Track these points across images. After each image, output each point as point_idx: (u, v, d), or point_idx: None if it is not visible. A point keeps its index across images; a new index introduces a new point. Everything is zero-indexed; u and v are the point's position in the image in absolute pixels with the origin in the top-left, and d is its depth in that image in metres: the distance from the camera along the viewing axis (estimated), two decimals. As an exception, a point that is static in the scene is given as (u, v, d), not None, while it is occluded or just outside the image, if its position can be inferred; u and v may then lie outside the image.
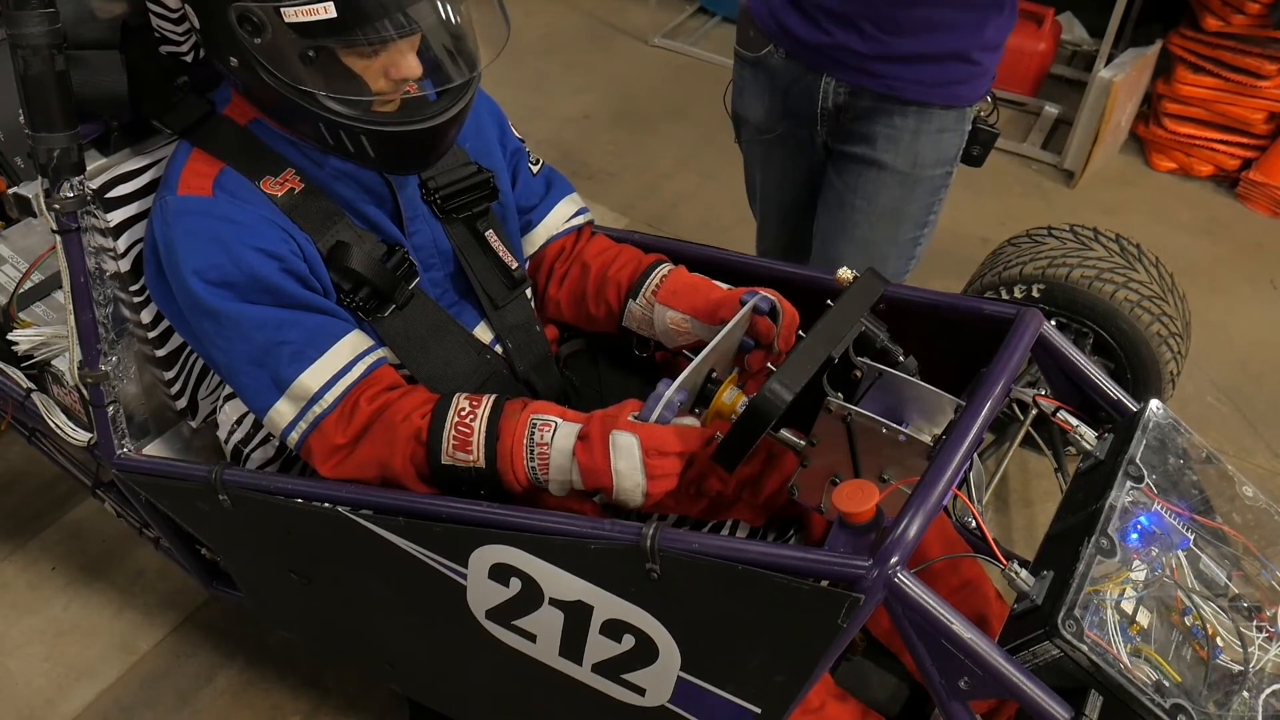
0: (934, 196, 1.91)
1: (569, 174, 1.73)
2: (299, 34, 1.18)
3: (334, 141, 1.27)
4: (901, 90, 1.77)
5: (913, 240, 1.95)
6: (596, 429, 1.24)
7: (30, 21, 1.21)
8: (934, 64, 1.75)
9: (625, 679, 1.28)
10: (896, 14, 1.70)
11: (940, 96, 1.78)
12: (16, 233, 1.89)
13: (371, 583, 1.45)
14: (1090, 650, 1.07)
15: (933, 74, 1.76)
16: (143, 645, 2.08)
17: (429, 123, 1.28)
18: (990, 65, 1.81)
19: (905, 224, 1.92)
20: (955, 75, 1.77)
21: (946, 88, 1.78)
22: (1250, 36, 3.30)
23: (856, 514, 1.09)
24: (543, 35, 4.35)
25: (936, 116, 1.81)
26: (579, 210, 1.66)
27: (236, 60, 1.24)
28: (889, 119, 1.81)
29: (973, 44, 1.74)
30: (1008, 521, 2.37)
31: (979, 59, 1.77)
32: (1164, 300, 2.06)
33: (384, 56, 1.23)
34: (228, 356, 1.31)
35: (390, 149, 1.29)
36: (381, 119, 1.26)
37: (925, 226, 1.95)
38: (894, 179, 1.86)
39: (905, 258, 1.98)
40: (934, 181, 1.89)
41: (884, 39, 1.72)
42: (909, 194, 1.88)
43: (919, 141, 1.82)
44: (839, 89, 1.82)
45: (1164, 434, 1.32)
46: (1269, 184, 3.42)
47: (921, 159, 1.84)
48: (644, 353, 1.61)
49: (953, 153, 1.87)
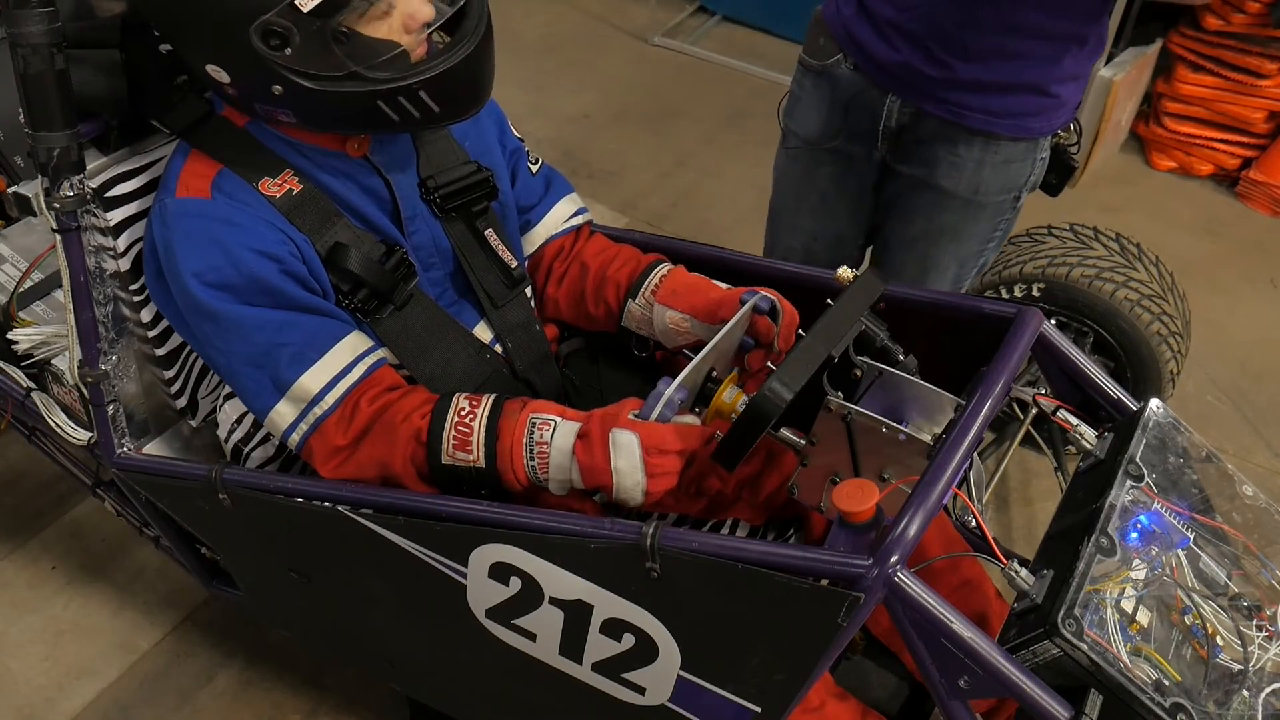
0: (1000, 217, 1.83)
1: (569, 173, 1.73)
2: (320, 17, 1.16)
3: (399, 115, 1.25)
4: (966, 119, 1.69)
5: (977, 254, 1.89)
6: (596, 427, 1.24)
7: (30, 20, 1.21)
8: (1004, 94, 1.66)
9: (625, 678, 1.28)
10: (966, 38, 1.62)
11: (1008, 128, 1.70)
12: (16, 232, 1.89)
13: (372, 582, 1.45)
14: (1090, 649, 1.07)
15: (1002, 104, 1.67)
16: (143, 644, 2.08)
17: (468, 48, 1.25)
18: (1070, 97, 1.71)
19: (968, 242, 1.85)
20: (1027, 107, 1.68)
21: (1017, 119, 1.69)
22: (1251, 35, 3.30)
23: (856, 513, 1.09)
24: (543, 34, 4.35)
25: (1004, 148, 1.72)
26: (578, 210, 1.66)
27: (280, 88, 1.21)
28: (952, 145, 1.73)
29: (1048, 76, 1.64)
30: (1008, 520, 2.37)
31: (1055, 91, 1.67)
32: (1164, 299, 2.07)
33: (397, 12, 1.22)
34: (227, 358, 1.31)
35: (445, 92, 1.26)
36: (425, 67, 1.24)
37: (991, 242, 1.89)
38: (955, 204, 1.79)
39: (969, 268, 1.92)
40: (1000, 207, 1.81)
41: (951, 63, 1.65)
42: (972, 217, 1.81)
43: (983, 171, 1.74)
44: (904, 109, 1.75)
45: (1164, 433, 1.32)
46: (1269, 183, 3.42)
47: (985, 188, 1.76)
48: (643, 352, 1.61)
49: (1021, 181, 1.78)
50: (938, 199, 1.80)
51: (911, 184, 1.83)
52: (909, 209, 1.86)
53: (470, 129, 1.50)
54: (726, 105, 3.91)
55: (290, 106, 1.25)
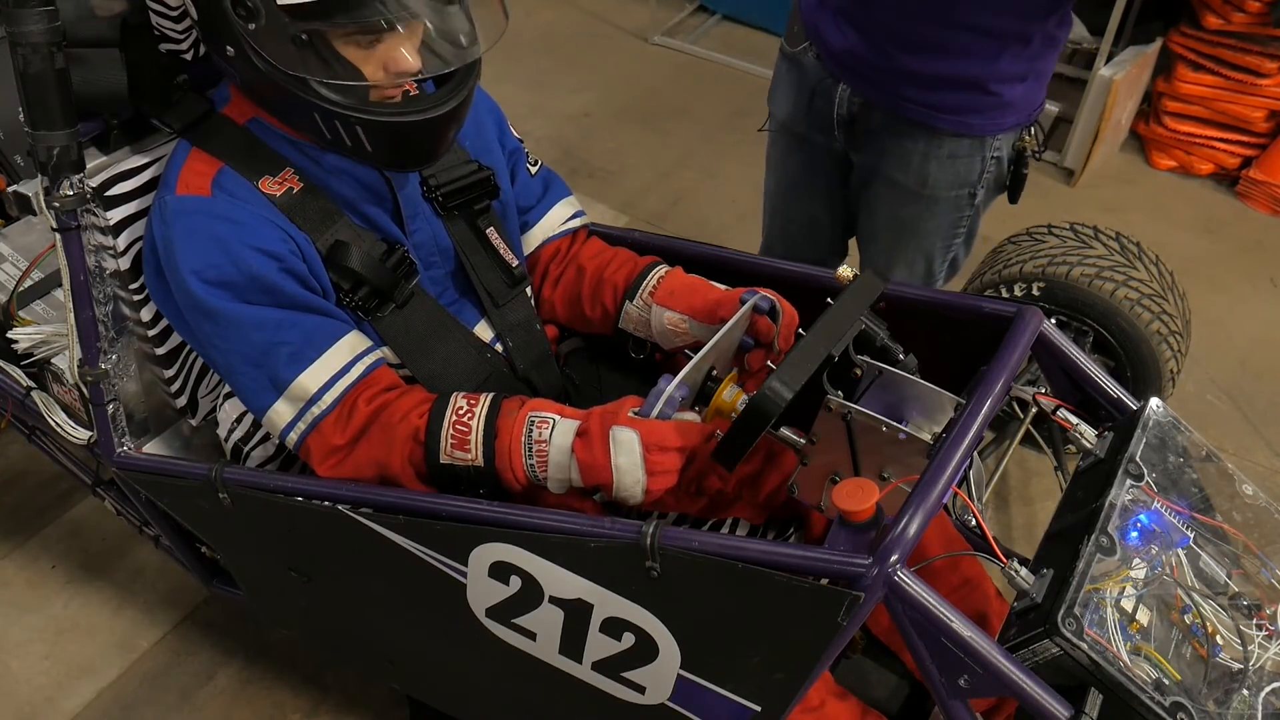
0: (958, 214, 1.83)
1: (569, 172, 1.73)
2: (291, 17, 1.18)
3: (331, 135, 1.27)
4: (907, 110, 1.71)
5: (943, 249, 1.89)
6: (596, 425, 1.23)
7: (30, 19, 1.21)
8: (945, 89, 1.66)
9: (625, 677, 1.28)
10: (906, 29, 1.63)
11: (949, 124, 1.70)
12: (16, 231, 1.89)
13: (372, 581, 1.45)
14: (1090, 648, 1.07)
15: (941, 99, 1.67)
16: (143, 643, 2.08)
17: (427, 114, 1.27)
18: (1014, 98, 1.68)
19: (930, 238, 1.86)
20: (967, 104, 1.67)
21: (958, 116, 1.69)
22: (1251, 34, 3.30)
23: (856, 512, 1.09)
24: (543, 33, 4.35)
25: (948, 143, 1.73)
26: (576, 213, 1.66)
27: (233, 49, 1.23)
28: (898, 137, 1.75)
29: (987, 74, 1.63)
30: (1008, 519, 2.37)
31: (996, 90, 1.66)
32: (1164, 298, 2.06)
33: (381, 48, 1.22)
34: (226, 357, 1.31)
35: (388, 142, 1.28)
36: (379, 109, 1.26)
37: (956, 239, 1.89)
38: (908, 196, 1.81)
39: (940, 262, 1.92)
40: (956, 203, 1.81)
41: (893, 53, 1.66)
42: (927, 211, 1.82)
43: (929, 164, 1.75)
44: (853, 98, 1.77)
45: (1164, 432, 1.32)
46: (1269, 182, 3.42)
47: (934, 182, 1.77)
48: (640, 354, 1.61)
49: (972, 178, 1.77)
50: (893, 191, 1.83)
51: (868, 175, 1.87)
52: (872, 201, 1.89)
53: (470, 128, 1.50)
54: (726, 104, 3.91)
55: (239, 74, 1.27)
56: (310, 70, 1.22)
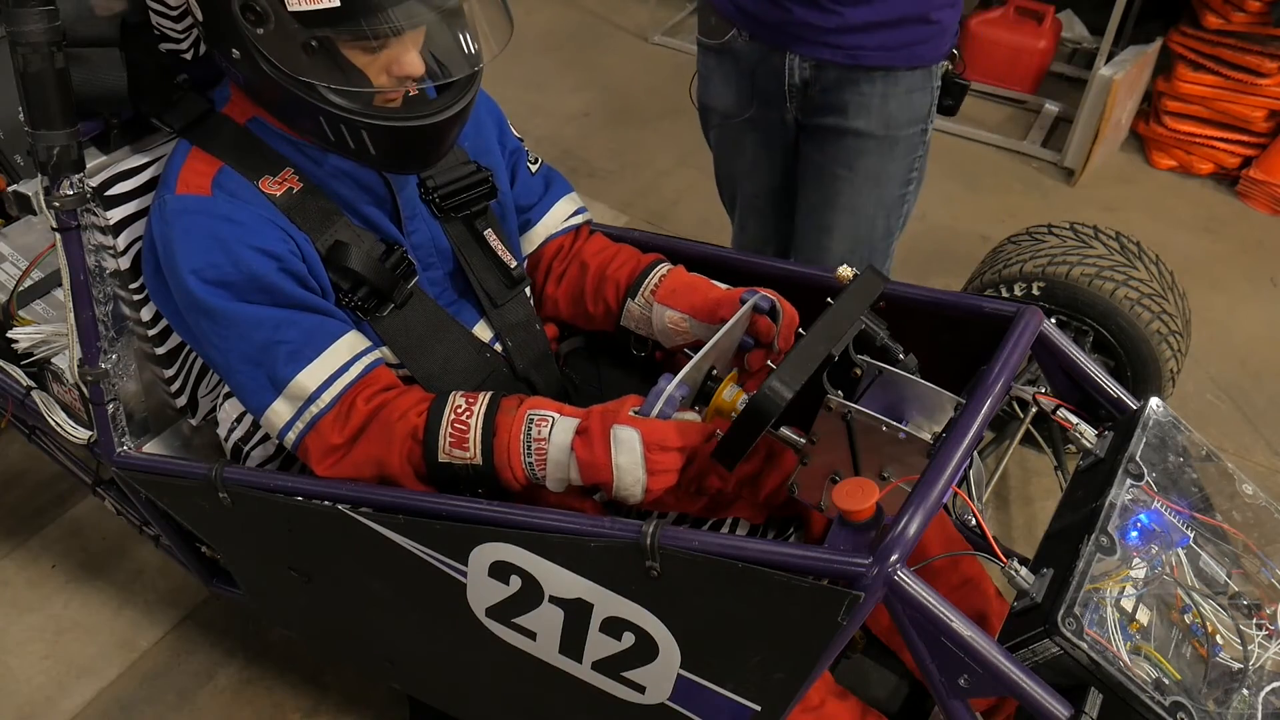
0: (913, 154, 1.94)
1: (568, 171, 1.73)
2: (302, 24, 1.18)
3: (335, 138, 1.27)
4: (865, 58, 1.81)
5: (900, 198, 1.98)
6: (596, 424, 1.23)
7: (30, 19, 1.21)
8: (894, 29, 1.78)
9: (625, 677, 1.28)
10: None
11: (904, 59, 1.82)
12: (16, 230, 1.89)
13: (372, 581, 1.45)
14: (1090, 648, 1.07)
15: (894, 38, 1.79)
16: (143, 643, 2.08)
17: (431, 119, 1.28)
18: (949, 22, 1.84)
19: (889, 184, 1.95)
20: (916, 37, 1.80)
21: (909, 49, 1.81)
22: (1251, 34, 3.30)
23: (856, 512, 1.09)
24: (542, 33, 4.35)
25: (903, 78, 1.84)
26: (578, 210, 1.66)
27: (238, 52, 1.23)
28: (856, 87, 1.84)
29: (928, 5, 1.78)
30: (1008, 519, 2.37)
31: (937, 18, 1.80)
32: (1164, 298, 2.06)
33: (386, 53, 1.22)
34: (225, 356, 1.31)
35: (391, 146, 1.29)
36: (382, 114, 1.26)
37: (910, 184, 1.98)
38: (871, 143, 1.89)
39: (894, 216, 2.00)
40: (910, 140, 1.91)
41: (842, 10, 1.76)
42: (888, 155, 1.91)
43: (889, 104, 1.85)
44: (804, 64, 1.86)
45: (1164, 432, 1.32)
46: (1269, 182, 3.42)
47: (894, 121, 1.87)
48: (641, 352, 1.61)
49: (924, 111, 1.90)
50: (853, 143, 1.90)
51: (825, 136, 1.93)
52: (828, 162, 1.95)
53: (470, 129, 1.50)
54: (726, 104, 3.91)
55: (243, 75, 1.27)
56: (317, 75, 1.22)
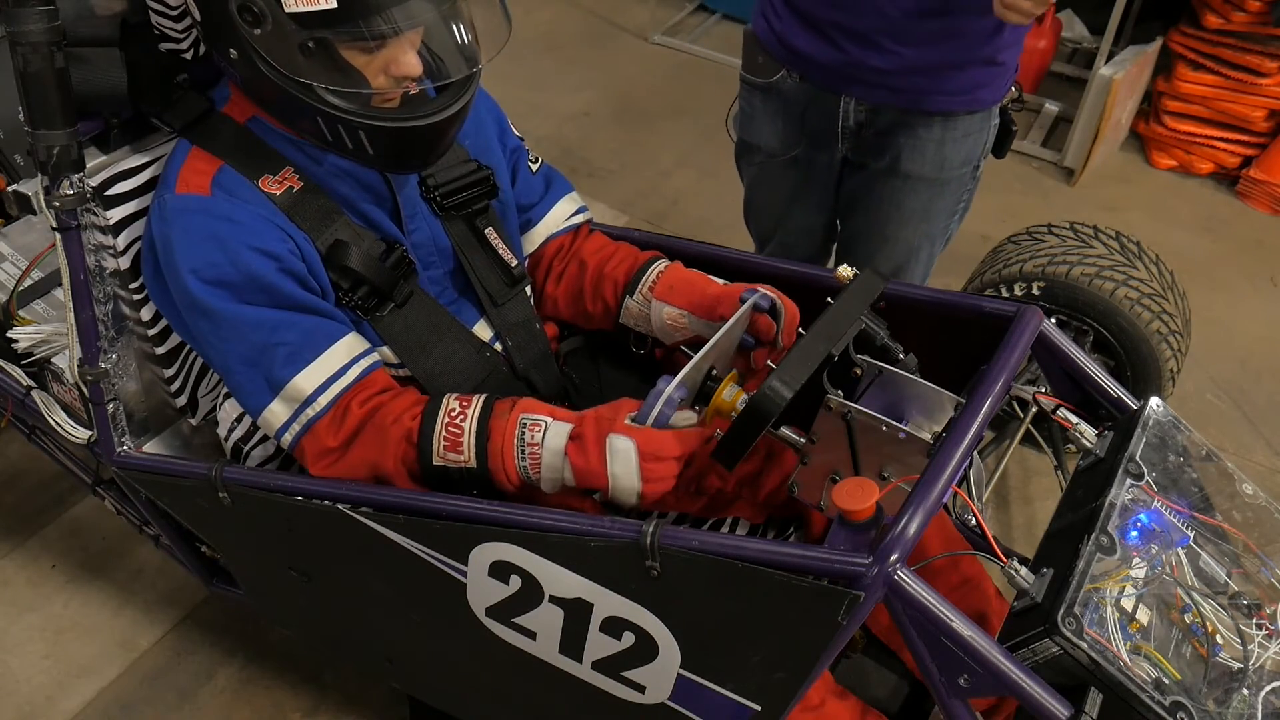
0: (963, 189, 1.90)
1: (569, 171, 1.73)
2: (299, 25, 1.18)
3: (333, 138, 1.27)
4: (925, 103, 1.75)
5: (944, 229, 1.96)
6: (591, 430, 1.23)
7: (30, 18, 1.21)
8: (957, 72, 1.72)
9: (625, 676, 1.28)
10: (912, 27, 1.67)
11: (964, 104, 1.76)
12: (16, 230, 1.89)
13: (372, 580, 1.45)
14: (1090, 648, 1.07)
15: (956, 82, 1.73)
16: (143, 642, 2.08)
17: (429, 119, 1.28)
18: (1012, 61, 1.78)
19: (936, 219, 1.92)
20: (979, 80, 1.75)
21: (971, 93, 1.76)
22: (1251, 34, 3.30)
23: (856, 511, 1.09)
24: (543, 32, 4.35)
25: (961, 122, 1.78)
26: (578, 209, 1.66)
27: (236, 52, 1.23)
28: (912, 131, 1.79)
29: (995, 46, 1.71)
30: (1008, 519, 2.37)
31: (1003, 60, 1.74)
32: (1164, 298, 2.06)
33: (384, 53, 1.22)
34: (223, 356, 1.31)
35: (389, 145, 1.29)
36: (380, 114, 1.26)
37: (955, 215, 1.95)
38: (921, 185, 1.85)
39: (939, 243, 1.98)
40: (962, 180, 1.88)
41: (903, 53, 1.70)
42: (937, 195, 1.87)
43: (945, 149, 1.80)
44: (859, 107, 1.80)
45: (1164, 431, 1.32)
46: (1269, 181, 3.42)
47: (948, 164, 1.83)
48: (641, 349, 1.61)
49: (979, 150, 1.85)
50: (904, 184, 1.86)
51: (875, 175, 1.88)
52: (876, 199, 1.91)
53: (470, 128, 1.50)
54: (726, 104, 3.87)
55: (241, 75, 1.27)
56: (314, 76, 1.22)
